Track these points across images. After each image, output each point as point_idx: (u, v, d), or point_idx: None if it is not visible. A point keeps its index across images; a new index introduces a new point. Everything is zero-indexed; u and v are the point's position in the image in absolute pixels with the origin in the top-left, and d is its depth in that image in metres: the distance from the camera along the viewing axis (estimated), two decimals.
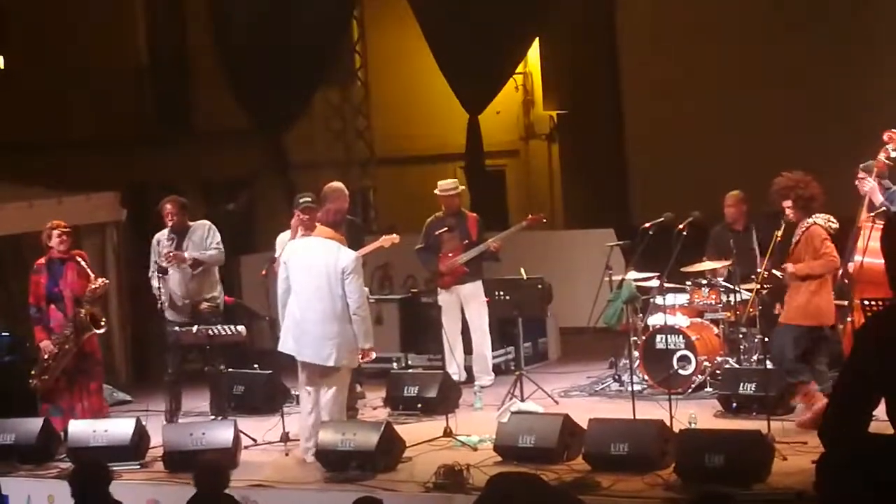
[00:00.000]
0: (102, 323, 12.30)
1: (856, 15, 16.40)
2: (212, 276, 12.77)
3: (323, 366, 10.87)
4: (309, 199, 12.09)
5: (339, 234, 11.13)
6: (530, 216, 14.27)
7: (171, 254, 12.46)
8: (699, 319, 13.05)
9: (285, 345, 11.08)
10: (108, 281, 12.37)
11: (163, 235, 12.70)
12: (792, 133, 16.34)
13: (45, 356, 12.20)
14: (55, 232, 12.27)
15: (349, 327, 10.84)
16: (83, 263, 12.27)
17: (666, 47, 17.48)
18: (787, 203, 11.07)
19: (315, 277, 10.85)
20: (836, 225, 11.09)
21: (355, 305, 10.82)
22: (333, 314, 10.80)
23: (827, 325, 11.22)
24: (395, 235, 13.42)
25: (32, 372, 12.31)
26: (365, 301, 11.06)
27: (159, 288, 12.49)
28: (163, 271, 12.51)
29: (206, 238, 12.62)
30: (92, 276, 12.25)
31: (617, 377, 13.36)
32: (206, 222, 12.90)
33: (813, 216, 11.05)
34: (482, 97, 18.45)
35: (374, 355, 11.35)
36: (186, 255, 12.49)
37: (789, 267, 11.13)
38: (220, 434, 11.24)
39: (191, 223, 12.72)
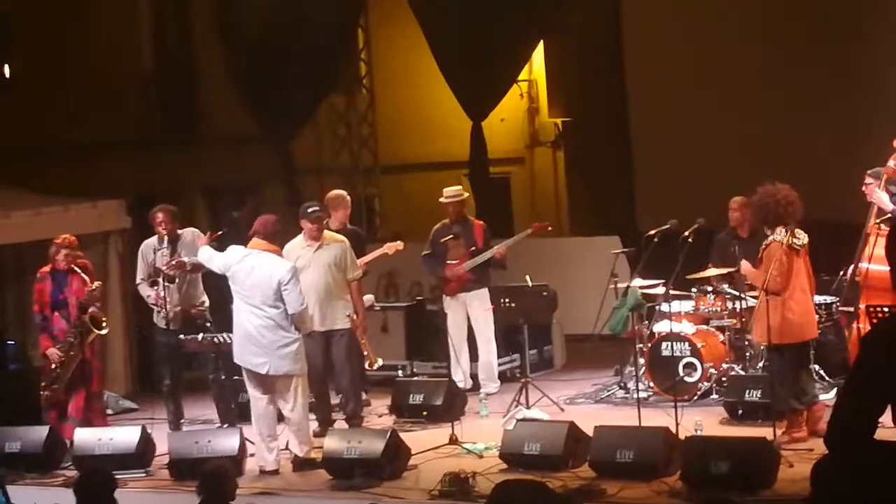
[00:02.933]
0: (104, 324, 12.33)
1: (857, 19, 16.39)
2: (199, 283, 12.83)
3: (278, 375, 11.01)
4: (317, 208, 12.13)
5: (276, 244, 11.23)
6: (535, 224, 14.27)
7: (174, 262, 12.51)
8: (705, 326, 13.04)
9: (238, 357, 11.32)
10: (100, 283, 12.41)
11: (153, 243, 12.73)
12: (796, 139, 16.32)
13: (53, 365, 12.24)
14: (63, 251, 12.37)
15: (285, 334, 10.96)
16: (77, 270, 12.33)
17: (671, 55, 17.47)
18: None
19: (251, 289, 11.01)
20: (800, 241, 10.84)
21: (293, 311, 10.97)
22: (269, 324, 10.95)
23: (808, 339, 11.11)
24: (399, 242, 13.44)
25: (43, 384, 12.33)
26: (304, 308, 11.17)
27: (165, 297, 12.52)
28: (170, 280, 12.54)
29: (195, 243, 12.68)
30: (88, 280, 12.32)
31: (622, 384, 13.36)
32: (192, 229, 12.96)
33: (775, 232, 10.87)
34: (485, 103, 18.42)
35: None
36: (186, 260, 12.54)
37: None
38: (226, 442, 11.26)
39: (179, 231, 12.79)
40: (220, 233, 12.23)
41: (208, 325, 12.57)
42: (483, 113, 18.45)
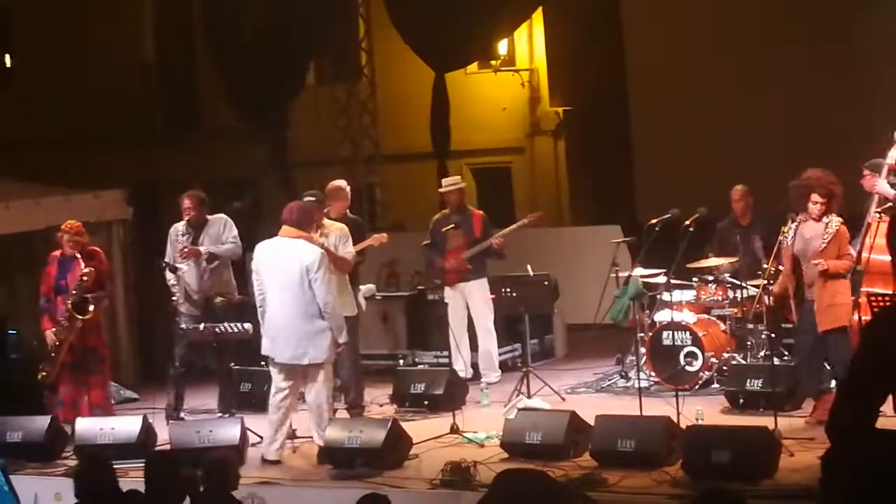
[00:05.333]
0: (90, 310, 12.33)
1: (855, 13, 16.38)
2: (226, 272, 12.82)
3: (301, 365, 10.95)
4: (313, 198, 12.08)
5: (307, 230, 11.16)
6: (530, 215, 14.27)
7: (187, 249, 12.52)
8: (706, 316, 13.04)
9: (264, 347, 11.21)
10: (91, 269, 12.42)
11: (179, 229, 12.74)
12: (797, 129, 16.32)
13: (49, 347, 12.32)
14: (65, 237, 12.40)
15: (321, 323, 10.88)
16: (78, 257, 12.35)
17: (672, 44, 17.47)
18: (817, 197, 10.92)
19: (282, 277, 10.93)
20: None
21: (323, 303, 10.86)
22: (304, 312, 10.86)
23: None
24: (384, 235, 13.40)
25: (42, 365, 12.40)
26: (333, 297, 11.04)
27: (175, 283, 12.53)
28: (173, 269, 12.54)
29: (222, 233, 12.69)
30: (82, 265, 12.35)
31: (624, 374, 13.36)
32: (224, 216, 12.94)
33: (834, 215, 10.91)
34: (448, 53, 18.11)
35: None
36: (202, 249, 12.54)
37: (823, 264, 10.87)
38: (227, 431, 11.25)
39: (208, 217, 12.77)
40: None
41: (226, 315, 12.57)
42: (446, 65, 18.14)
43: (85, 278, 12.29)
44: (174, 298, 12.64)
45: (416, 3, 17.96)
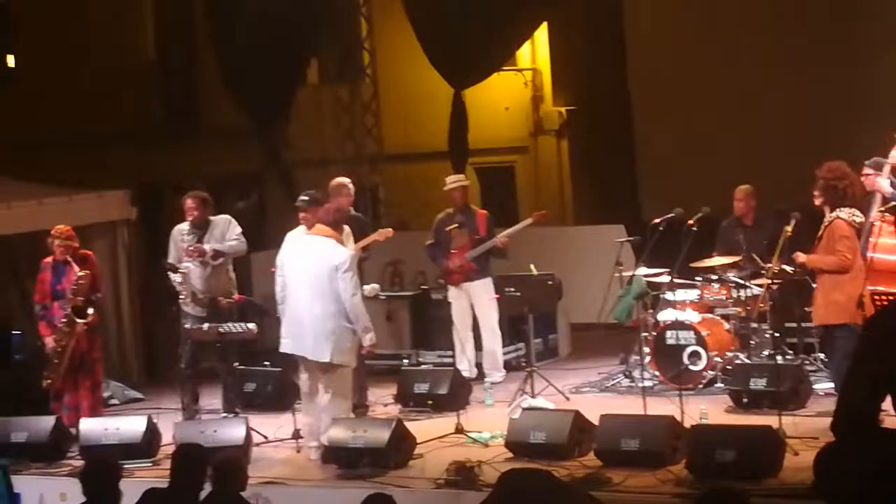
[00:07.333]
0: (89, 313, 12.34)
1: (858, 11, 16.37)
2: (228, 272, 12.82)
3: (321, 362, 10.93)
4: (305, 199, 11.96)
5: (338, 231, 11.15)
6: (535, 213, 14.28)
7: (192, 247, 12.51)
8: (710, 315, 13.04)
9: (285, 345, 11.18)
10: (87, 272, 12.42)
11: (184, 228, 12.74)
12: (799, 128, 16.32)
13: (50, 353, 12.32)
14: (56, 242, 12.41)
15: (345, 324, 10.86)
16: (70, 261, 12.36)
17: (675, 43, 17.47)
18: (816, 190, 10.86)
19: (308, 275, 10.90)
20: (860, 219, 10.74)
21: (348, 302, 10.83)
22: (328, 311, 10.83)
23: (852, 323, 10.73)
24: (389, 230, 13.40)
25: (44, 373, 12.39)
26: (358, 298, 11.00)
27: (181, 282, 12.54)
28: (173, 270, 12.54)
29: (225, 232, 12.68)
30: (76, 268, 12.35)
31: (627, 373, 13.37)
32: (227, 216, 12.93)
33: (837, 210, 10.74)
34: (467, 71, 18.17)
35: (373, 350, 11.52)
36: (207, 247, 12.53)
37: (800, 256, 10.96)
38: (232, 431, 11.27)
39: (212, 218, 12.77)
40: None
41: (232, 314, 12.60)
42: (464, 82, 18.19)
43: (81, 282, 12.30)
44: (180, 299, 12.63)
45: (437, 26, 17.94)
